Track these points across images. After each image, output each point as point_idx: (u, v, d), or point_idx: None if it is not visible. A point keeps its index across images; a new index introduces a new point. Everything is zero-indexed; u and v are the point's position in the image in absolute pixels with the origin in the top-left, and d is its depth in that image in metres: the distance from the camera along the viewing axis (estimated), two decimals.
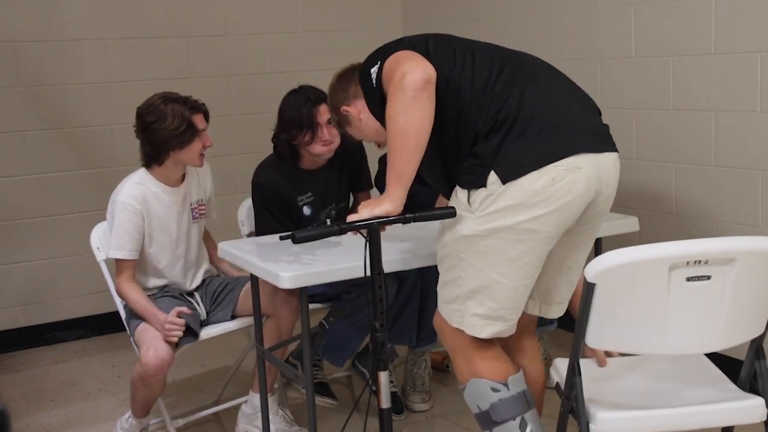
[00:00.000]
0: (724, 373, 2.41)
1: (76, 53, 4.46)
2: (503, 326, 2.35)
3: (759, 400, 2.19)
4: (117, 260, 3.09)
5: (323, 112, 3.23)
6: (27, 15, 4.34)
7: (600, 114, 2.39)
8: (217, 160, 4.07)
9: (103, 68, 4.53)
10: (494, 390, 2.34)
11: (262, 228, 3.35)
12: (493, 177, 2.21)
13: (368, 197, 3.58)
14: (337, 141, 3.30)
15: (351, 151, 3.45)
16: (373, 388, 3.53)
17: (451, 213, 2.25)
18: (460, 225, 2.28)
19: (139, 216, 3.08)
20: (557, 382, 2.34)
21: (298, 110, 3.26)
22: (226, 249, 2.89)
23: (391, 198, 2.24)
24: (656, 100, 3.70)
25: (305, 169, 3.39)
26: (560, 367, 2.36)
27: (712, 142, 3.49)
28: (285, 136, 3.30)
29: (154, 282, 3.21)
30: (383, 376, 2.27)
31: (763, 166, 3.32)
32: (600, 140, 2.29)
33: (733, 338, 2.17)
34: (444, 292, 2.40)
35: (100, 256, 3.27)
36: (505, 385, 2.34)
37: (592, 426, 2.13)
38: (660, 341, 2.10)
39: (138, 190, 3.10)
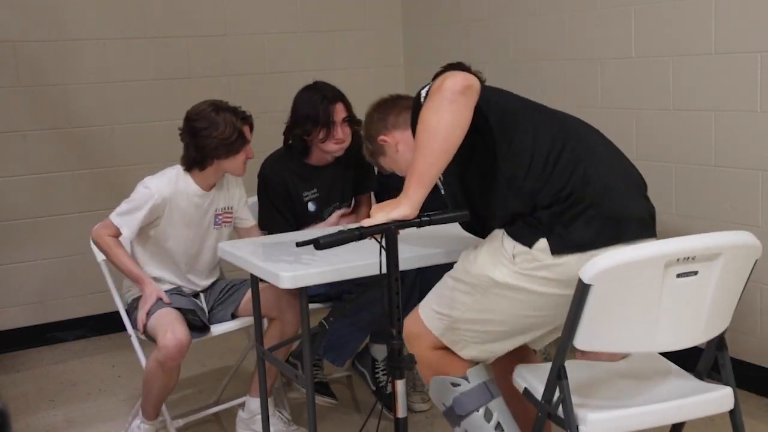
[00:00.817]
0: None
1: (76, 53, 4.46)
2: (483, 355, 2.37)
3: (727, 390, 2.22)
4: (110, 221, 3.07)
5: (339, 111, 3.25)
6: (27, 15, 4.34)
7: (646, 188, 2.37)
8: None
9: (103, 68, 4.53)
10: (454, 385, 2.35)
11: (265, 221, 3.35)
12: (543, 244, 2.19)
13: (369, 200, 3.59)
14: (348, 140, 3.31)
15: (358, 151, 3.45)
16: (372, 388, 3.52)
17: (464, 215, 2.22)
18: (496, 269, 2.26)
19: (155, 212, 3.08)
20: (525, 388, 2.30)
21: (314, 107, 3.26)
22: (226, 249, 2.88)
23: (409, 200, 2.17)
24: (656, 100, 3.69)
25: (313, 165, 3.40)
26: (525, 373, 2.34)
27: (712, 142, 3.49)
28: (298, 131, 3.30)
29: (167, 276, 3.20)
30: (400, 385, 2.17)
31: (763, 166, 3.32)
32: (644, 229, 2.28)
33: (711, 331, 2.20)
34: (436, 301, 2.40)
35: (100, 256, 3.26)
36: (465, 378, 2.35)
37: (582, 428, 2.10)
38: (650, 339, 2.11)
39: (170, 190, 3.09)
